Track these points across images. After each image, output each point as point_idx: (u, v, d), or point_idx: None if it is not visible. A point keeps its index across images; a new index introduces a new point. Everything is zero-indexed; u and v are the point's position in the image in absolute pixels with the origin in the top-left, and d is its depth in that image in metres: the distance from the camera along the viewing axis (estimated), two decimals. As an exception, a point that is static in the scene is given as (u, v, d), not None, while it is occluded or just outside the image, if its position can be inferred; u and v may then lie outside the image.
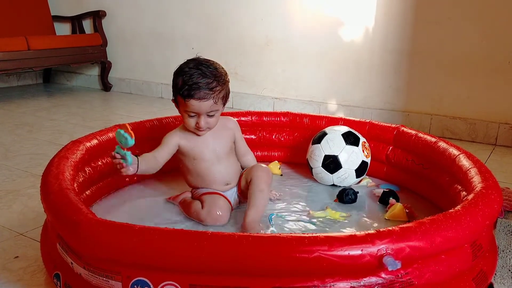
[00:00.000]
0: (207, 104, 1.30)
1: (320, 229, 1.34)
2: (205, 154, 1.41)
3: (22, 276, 1.14)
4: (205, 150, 1.41)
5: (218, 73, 1.32)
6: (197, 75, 1.29)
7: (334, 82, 2.94)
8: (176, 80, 1.33)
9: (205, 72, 1.30)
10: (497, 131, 2.47)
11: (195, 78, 1.29)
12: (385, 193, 1.53)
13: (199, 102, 1.29)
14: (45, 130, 2.57)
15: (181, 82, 1.30)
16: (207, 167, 1.41)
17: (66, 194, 1.07)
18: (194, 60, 1.34)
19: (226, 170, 1.44)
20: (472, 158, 1.34)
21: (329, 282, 0.88)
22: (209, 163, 1.41)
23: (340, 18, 2.82)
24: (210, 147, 1.41)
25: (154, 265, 0.91)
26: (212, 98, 1.30)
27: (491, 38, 2.42)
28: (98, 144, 1.47)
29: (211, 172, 1.42)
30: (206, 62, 1.33)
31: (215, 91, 1.30)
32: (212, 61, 1.36)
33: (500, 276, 1.12)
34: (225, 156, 1.44)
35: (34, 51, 3.29)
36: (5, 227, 1.40)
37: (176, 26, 3.47)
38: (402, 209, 1.42)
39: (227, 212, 1.38)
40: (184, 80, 1.30)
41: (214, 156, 1.42)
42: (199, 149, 1.40)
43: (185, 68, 1.32)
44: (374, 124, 1.78)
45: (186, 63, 1.34)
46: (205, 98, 1.29)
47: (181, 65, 1.34)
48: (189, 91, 1.28)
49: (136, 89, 3.78)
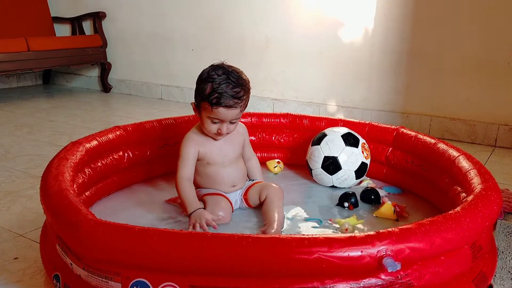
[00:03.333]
0: (234, 112, 1.32)
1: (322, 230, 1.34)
2: (218, 158, 1.43)
3: (22, 277, 1.14)
4: (218, 155, 1.43)
5: (244, 81, 1.33)
6: (227, 83, 1.29)
7: (334, 83, 2.94)
8: (203, 85, 1.32)
9: (234, 80, 1.30)
10: (496, 132, 2.48)
11: (225, 87, 1.29)
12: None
13: (227, 110, 1.30)
14: (45, 131, 2.57)
15: (210, 88, 1.29)
16: (217, 170, 1.44)
17: (66, 195, 1.07)
18: (221, 67, 1.33)
19: (235, 173, 1.46)
20: (472, 160, 1.34)
21: (328, 283, 0.88)
22: (220, 166, 1.44)
23: (339, 19, 2.83)
24: (223, 152, 1.43)
25: (154, 266, 0.91)
26: (240, 106, 1.32)
27: (491, 40, 2.42)
28: (98, 145, 1.47)
29: (221, 174, 1.44)
30: (233, 70, 1.33)
31: (243, 99, 1.32)
32: (237, 68, 1.36)
33: (500, 278, 1.13)
34: (235, 159, 1.47)
35: (34, 52, 3.29)
36: (4, 228, 1.39)
37: (176, 27, 3.47)
38: (390, 207, 1.44)
39: (229, 213, 1.39)
40: (213, 88, 1.29)
41: (226, 160, 1.44)
42: (213, 154, 1.42)
43: (213, 74, 1.31)
44: (374, 126, 1.78)
45: (214, 69, 1.32)
46: (233, 106, 1.30)
47: (208, 71, 1.33)
48: (218, 99, 1.28)
49: (136, 90, 3.78)
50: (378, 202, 1.52)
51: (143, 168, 1.68)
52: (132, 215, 1.43)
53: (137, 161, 1.64)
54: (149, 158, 1.68)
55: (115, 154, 1.57)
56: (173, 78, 3.55)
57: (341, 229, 1.33)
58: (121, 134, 1.58)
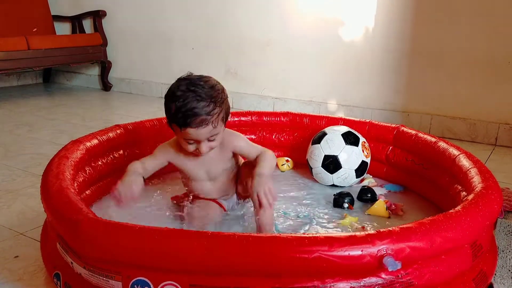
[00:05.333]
0: (206, 130, 1.16)
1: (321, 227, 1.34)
2: (198, 175, 1.34)
3: (22, 275, 1.14)
4: (198, 172, 1.33)
5: (214, 92, 1.17)
6: (192, 99, 1.13)
7: (334, 82, 2.94)
8: (169, 105, 1.17)
9: (200, 94, 1.14)
10: (497, 131, 2.47)
11: (190, 104, 1.13)
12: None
13: (197, 130, 1.15)
14: (45, 130, 2.57)
15: (174, 108, 1.14)
16: (200, 185, 1.36)
17: (66, 193, 1.07)
18: (185, 80, 1.17)
19: (220, 188, 1.37)
20: (472, 158, 1.34)
21: (329, 282, 0.88)
22: (202, 182, 1.35)
23: (340, 18, 2.82)
24: (204, 169, 1.33)
25: (154, 265, 0.91)
26: (211, 123, 1.15)
27: (491, 39, 2.42)
28: (98, 144, 1.47)
29: (204, 189, 1.36)
30: (199, 81, 1.17)
31: (213, 114, 1.15)
32: (207, 77, 1.20)
33: (500, 276, 1.13)
34: (219, 175, 1.35)
35: (34, 51, 3.28)
36: (5, 227, 1.40)
37: (176, 26, 3.47)
38: (383, 205, 1.44)
39: (213, 216, 1.34)
40: (177, 107, 1.14)
41: (207, 176, 1.34)
42: (191, 171, 1.33)
43: (176, 91, 1.15)
44: (374, 124, 1.78)
45: (177, 84, 1.17)
46: (202, 124, 1.14)
47: (172, 87, 1.18)
48: (184, 119, 1.13)
49: (136, 89, 3.78)
50: (374, 200, 1.53)
51: (143, 166, 1.68)
52: (133, 214, 1.43)
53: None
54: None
55: (115, 152, 1.57)
56: (174, 77, 3.45)
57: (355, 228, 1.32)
58: (122, 133, 1.58)
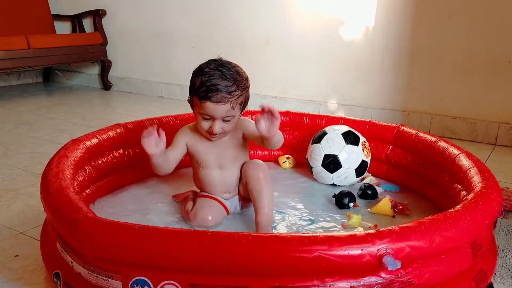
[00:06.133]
0: (224, 108, 1.23)
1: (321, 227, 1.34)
2: (208, 161, 1.36)
3: (22, 275, 1.14)
4: (208, 157, 1.36)
5: (239, 76, 1.25)
6: (217, 77, 1.21)
7: (334, 81, 2.94)
8: (194, 79, 1.25)
9: (226, 74, 1.22)
10: (497, 130, 2.47)
11: (214, 80, 1.21)
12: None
13: (215, 105, 1.22)
14: (45, 129, 2.57)
15: (199, 82, 1.23)
16: (208, 173, 1.38)
17: (66, 193, 1.07)
18: (215, 61, 1.26)
19: (227, 180, 1.38)
20: (472, 158, 1.34)
21: (329, 281, 0.88)
22: (210, 170, 1.37)
23: (340, 17, 2.82)
24: (213, 155, 1.36)
25: (154, 264, 0.91)
26: (230, 102, 1.23)
27: (491, 38, 2.42)
28: (98, 143, 1.47)
29: (211, 179, 1.38)
30: (228, 64, 1.26)
31: (234, 95, 1.23)
32: (235, 63, 1.28)
33: (500, 276, 1.13)
34: (228, 164, 1.37)
35: (34, 50, 3.28)
36: (5, 226, 1.40)
37: (176, 25, 3.47)
38: (388, 203, 1.44)
39: (217, 217, 1.34)
40: (202, 81, 1.22)
41: (216, 164, 1.37)
42: (202, 155, 1.36)
43: (205, 68, 1.24)
44: (374, 124, 1.78)
45: (207, 63, 1.26)
46: (222, 101, 1.22)
47: (201, 65, 1.26)
48: (206, 93, 1.21)
49: (136, 88, 3.78)
50: (375, 197, 1.53)
51: (143, 166, 1.68)
52: (132, 213, 1.43)
53: (138, 159, 1.64)
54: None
55: (115, 152, 1.57)
56: (174, 76, 3.54)
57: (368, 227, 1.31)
58: (122, 132, 1.58)
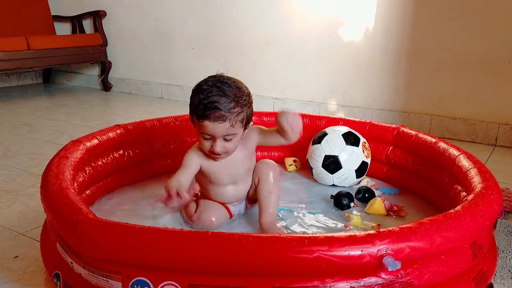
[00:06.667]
0: (223, 126, 1.17)
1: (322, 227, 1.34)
2: (221, 180, 1.33)
3: (22, 275, 1.14)
4: (223, 176, 1.32)
5: (239, 92, 1.20)
6: (215, 94, 1.17)
7: (334, 82, 2.94)
8: (192, 98, 1.21)
9: (225, 90, 1.18)
10: (497, 131, 2.47)
11: (212, 97, 1.16)
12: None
13: (214, 124, 1.17)
14: (45, 130, 2.57)
15: (197, 100, 1.18)
16: (221, 190, 1.35)
17: (66, 193, 1.07)
18: (214, 77, 1.22)
19: (241, 193, 1.38)
20: (472, 159, 1.34)
21: (329, 282, 0.88)
22: (223, 187, 1.34)
23: (340, 18, 2.82)
24: (228, 173, 1.32)
25: (154, 265, 0.91)
26: (229, 120, 1.17)
27: (491, 39, 2.42)
28: (98, 144, 1.47)
29: (224, 194, 1.35)
30: (227, 79, 1.21)
31: (232, 112, 1.17)
32: (236, 79, 1.24)
33: (500, 277, 1.13)
34: (242, 179, 1.35)
35: (34, 51, 3.28)
36: (5, 227, 1.40)
37: (176, 26, 3.47)
38: (380, 203, 1.45)
39: (219, 220, 1.34)
40: (200, 99, 1.17)
41: (230, 181, 1.34)
42: (217, 174, 1.31)
43: (203, 85, 1.19)
44: (374, 125, 1.78)
45: (206, 80, 1.21)
46: (220, 119, 1.16)
47: (200, 82, 1.22)
48: (203, 111, 1.16)
49: (136, 89, 3.78)
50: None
51: (143, 167, 1.68)
52: (133, 214, 1.43)
53: (138, 160, 1.64)
54: (149, 157, 1.68)
55: (115, 152, 1.57)
56: (174, 77, 3.54)
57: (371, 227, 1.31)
58: (122, 133, 1.58)
